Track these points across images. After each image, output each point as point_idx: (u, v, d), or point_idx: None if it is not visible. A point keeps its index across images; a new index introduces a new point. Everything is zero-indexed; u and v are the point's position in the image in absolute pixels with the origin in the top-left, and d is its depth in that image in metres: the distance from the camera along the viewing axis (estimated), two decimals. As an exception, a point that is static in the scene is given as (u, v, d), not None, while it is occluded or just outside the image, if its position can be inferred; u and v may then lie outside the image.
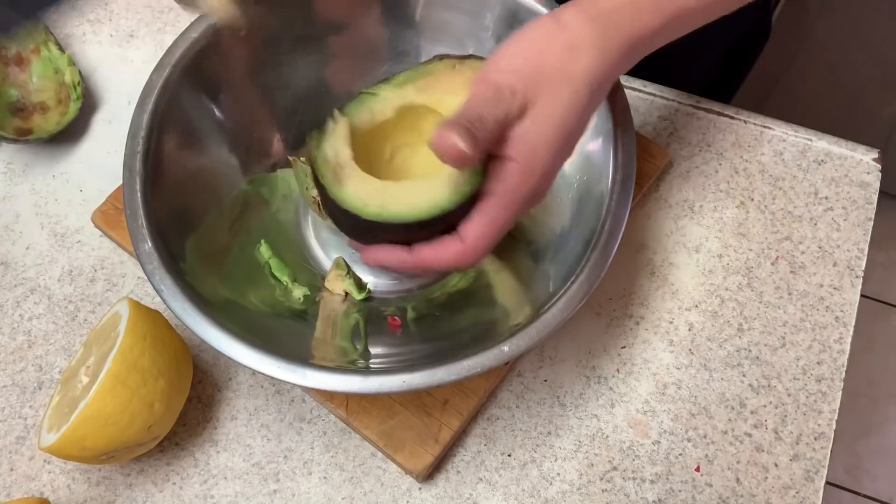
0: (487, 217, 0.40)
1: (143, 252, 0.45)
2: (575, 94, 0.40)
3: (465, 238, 0.40)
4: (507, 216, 0.40)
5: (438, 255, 0.40)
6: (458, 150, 0.36)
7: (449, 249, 0.40)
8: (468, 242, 0.40)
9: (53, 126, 0.62)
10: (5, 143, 0.61)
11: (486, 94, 0.39)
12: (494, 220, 0.40)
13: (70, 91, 0.63)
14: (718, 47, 0.72)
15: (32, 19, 0.45)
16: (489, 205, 0.40)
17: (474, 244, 0.40)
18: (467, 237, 0.40)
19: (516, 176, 0.39)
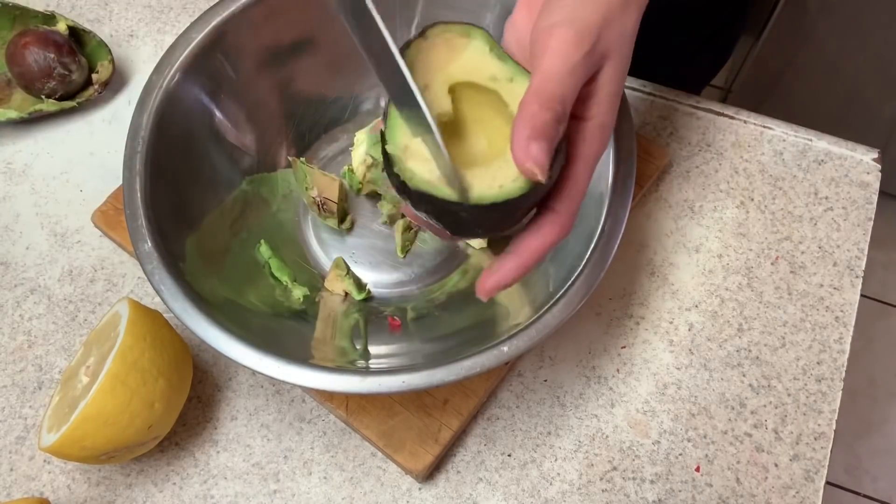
0: (574, 181, 0.38)
1: (143, 252, 0.45)
2: (630, 49, 0.39)
3: (559, 209, 0.38)
4: (590, 176, 0.38)
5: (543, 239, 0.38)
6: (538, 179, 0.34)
7: (545, 227, 0.38)
8: (563, 211, 0.38)
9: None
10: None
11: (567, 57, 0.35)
12: (580, 183, 0.38)
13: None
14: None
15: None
16: (576, 169, 0.38)
17: (569, 210, 0.38)
18: (560, 207, 0.38)
19: (597, 137, 0.38)
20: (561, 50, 0.36)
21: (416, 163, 0.37)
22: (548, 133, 0.34)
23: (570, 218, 0.38)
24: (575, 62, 0.36)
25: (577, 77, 0.36)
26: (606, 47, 0.37)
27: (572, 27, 0.36)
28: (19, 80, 0.62)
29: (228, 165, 0.55)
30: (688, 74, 0.66)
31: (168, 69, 0.50)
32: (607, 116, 0.38)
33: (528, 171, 0.34)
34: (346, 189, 0.58)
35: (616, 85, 0.38)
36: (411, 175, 0.37)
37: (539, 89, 0.35)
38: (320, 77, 0.57)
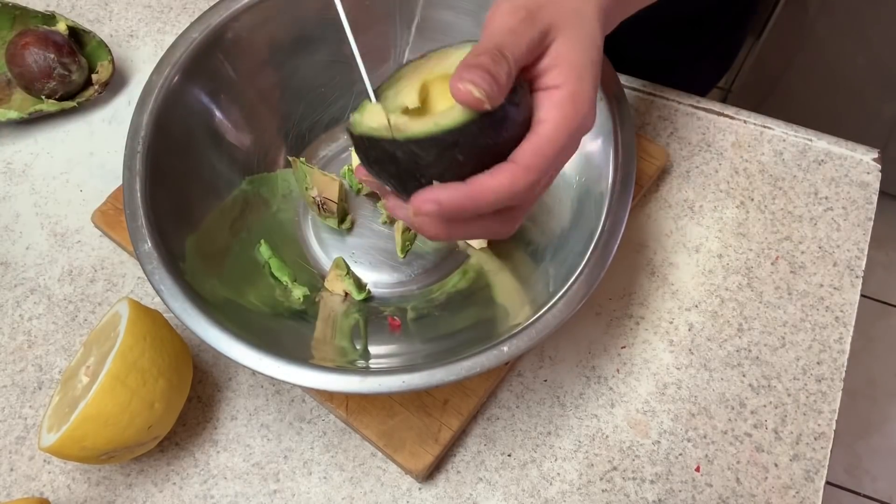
0: (541, 138, 0.37)
1: (143, 252, 0.45)
2: (594, 30, 0.39)
3: (518, 159, 0.37)
4: (561, 145, 0.37)
5: (494, 179, 0.36)
6: (475, 98, 0.34)
7: (503, 171, 0.37)
8: (521, 162, 0.37)
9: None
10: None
11: (504, 22, 0.37)
12: (547, 144, 0.37)
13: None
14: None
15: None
16: (542, 129, 0.37)
17: (529, 163, 0.37)
18: (520, 158, 0.37)
19: (568, 103, 0.37)
20: (497, 18, 0.37)
21: (368, 117, 0.39)
22: (485, 66, 0.35)
23: (526, 171, 0.36)
24: (512, 23, 0.37)
25: (515, 35, 0.37)
26: (553, 18, 0.38)
27: (511, 1, 0.38)
28: (19, 80, 0.62)
29: (228, 165, 0.55)
30: (689, 81, 0.66)
31: (168, 69, 0.51)
32: (578, 84, 0.38)
33: (464, 90, 0.34)
34: (346, 189, 0.58)
35: (579, 54, 0.38)
36: (358, 123, 0.38)
37: (478, 45, 0.37)
38: (320, 77, 0.57)
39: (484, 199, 0.36)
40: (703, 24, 0.73)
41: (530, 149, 0.37)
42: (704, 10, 0.71)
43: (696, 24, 0.72)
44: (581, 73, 0.38)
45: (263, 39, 0.54)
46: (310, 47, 0.56)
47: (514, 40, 0.37)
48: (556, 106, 0.37)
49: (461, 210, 0.37)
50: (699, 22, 0.72)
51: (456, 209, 0.37)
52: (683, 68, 0.74)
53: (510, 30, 0.37)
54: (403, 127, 0.37)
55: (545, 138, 0.37)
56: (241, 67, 0.54)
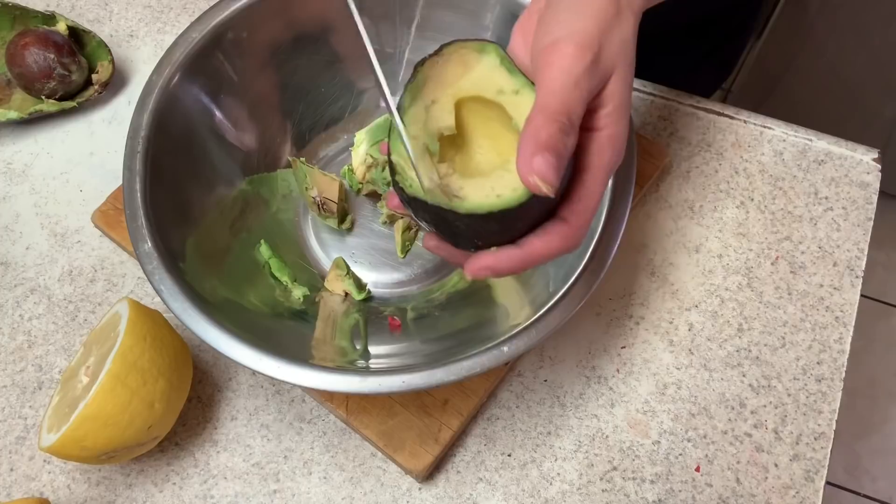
0: (586, 192, 0.37)
1: (143, 252, 0.45)
2: (633, 55, 0.39)
3: (568, 217, 0.37)
4: (603, 189, 0.38)
5: (548, 244, 0.37)
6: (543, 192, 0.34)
7: (555, 233, 0.37)
8: (572, 221, 0.37)
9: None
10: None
11: (570, 70, 0.35)
12: (593, 195, 0.37)
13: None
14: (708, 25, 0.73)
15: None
16: (586, 179, 0.37)
17: (577, 222, 0.37)
18: (569, 216, 0.37)
19: (608, 148, 0.37)
20: (563, 64, 0.35)
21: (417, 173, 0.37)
22: (553, 145, 0.34)
23: (579, 229, 0.37)
24: (578, 74, 0.35)
25: (581, 89, 0.35)
26: (611, 58, 0.37)
27: (572, 40, 0.36)
28: (19, 80, 0.62)
29: (228, 165, 0.55)
30: (689, 86, 0.66)
31: (168, 69, 0.50)
32: (618, 127, 0.37)
33: (532, 184, 0.34)
34: (346, 189, 0.58)
35: (624, 95, 0.38)
36: (410, 183, 0.37)
37: (544, 104, 0.35)
38: (320, 77, 0.57)
39: (537, 261, 0.38)
40: (704, 30, 0.73)
41: (580, 209, 0.37)
42: (707, 17, 0.71)
43: (697, 30, 0.72)
44: (624, 112, 0.38)
45: (263, 39, 0.54)
46: (310, 47, 0.56)
47: (580, 97, 0.35)
48: (598, 152, 0.37)
49: (515, 272, 0.38)
50: (701, 29, 0.72)
51: (511, 272, 0.38)
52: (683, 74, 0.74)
53: (576, 82, 0.35)
54: (461, 193, 0.37)
55: (591, 193, 0.37)
56: (241, 67, 0.54)
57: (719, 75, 0.82)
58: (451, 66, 0.40)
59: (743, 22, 0.76)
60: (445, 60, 0.40)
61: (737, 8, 0.73)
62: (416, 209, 0.38)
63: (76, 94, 0.64)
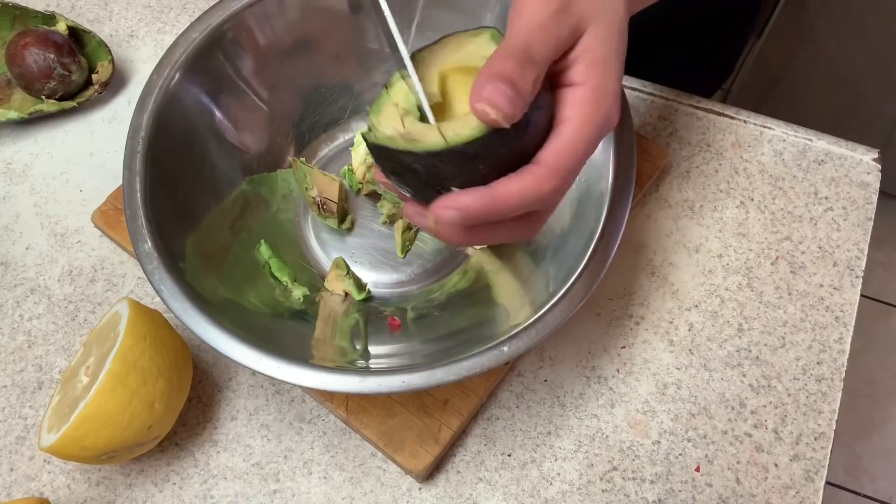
0: (564, 138, 0.36)
1: (143, 252, 0.45)
2: (622, 19, 0.38)
3: (543, 160, 0.35)
4: (585, 143, 0.36)
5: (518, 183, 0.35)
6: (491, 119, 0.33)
7: (525, 174, 0.35)
8: (547, 164, 0.35)
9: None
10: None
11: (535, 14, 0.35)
12: (573, 141, 0.36)
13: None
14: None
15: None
16: (565, 129, 0.35)
17: (554, 164, 0.35)
18: (545, 159, 0.35)
19: (591, 100, 0.36)
20: (528, 8, 0.35)
21: (385, 124, 0.38)
22: (507, 75, 0.33)
23: (552, 173, 0.35)
24: (543, 17, 0.35)
25: (546, 31, 0.35)
26: (584, 10, 0.36)
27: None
28: (19, 80, 0.62)
29: (228, 165, 0.55)
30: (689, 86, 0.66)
31: (168, 69, 0.50)
32: (602, 79, 0.36)
33: (481, 111, 0.33)
34: (346, 189, 0.58)
35: (605, 48, 0.36)
36: (375, 131, 0.37)
37: (505, 43, 0.35)
38: (320, 77, 0.57)
39: (508, 203, 0.35)
40: (705, 31, 0.73)
41: (554, 150, 0.35)
42: (707, 17, 0.71)
43: (698, 30, 0.72)
44: (605, 67, 0.36)
45: (263, 39, 0.54)
46: (310, 47, 0.56)
47: (543, 38, 0.34)
48: (578, 104, 0.36)
49: (484, 216, 0.35)
50: (701, 29, 0.72)
51: (479, 215, 0.35)
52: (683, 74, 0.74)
53: (540, 25, 0.35)
54: (420, 136, 0.36)
55: (569, 138, 0.35)
56: (241, 67, 0.54)
57: (719, 75, 0.82)
58: (445, 50, 0.40)
59: (743, 22, 0.76)
60: (442, 45, 0.40)
61: (737, 9, 0.73)
62: (380, 160, 0.38)
63: (76, 94, 0.64)
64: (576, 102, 0.36)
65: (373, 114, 0.39)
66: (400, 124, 0.38)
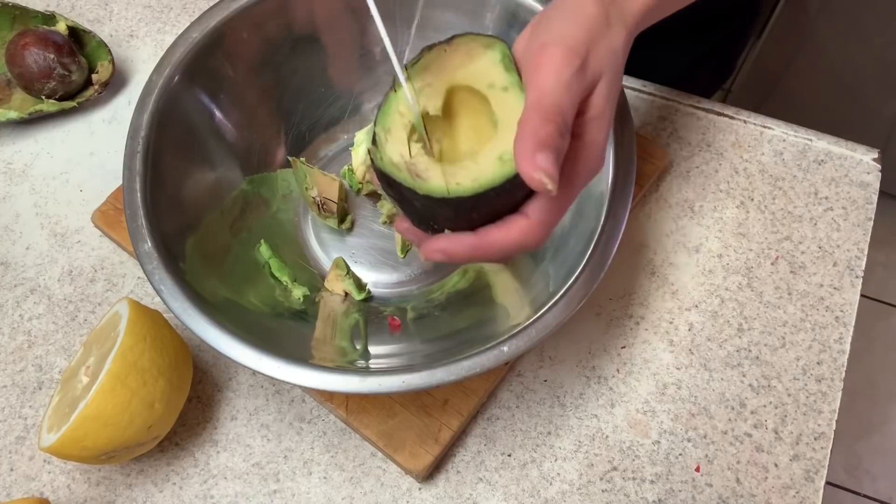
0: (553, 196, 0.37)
1: (143, 252, 0.45)
2: (621, 66, 0.39)
3: (531, 214, 0.37)
4: (574, 194, 0.38)
5: (505, 235, 0.38)
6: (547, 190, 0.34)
7: (514, 227, 0.38)
8: (533, 217, 0.37)
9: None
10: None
11: (559, 73, 0.36)
12: (561, 197, 0.38)
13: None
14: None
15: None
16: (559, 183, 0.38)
17: (540, 218, 0.37)
18: (531, 212, 0.37)
19: (585, 156, 0.38)
20: (554, 66, 0.36)
21: (391, 146, 0.38)
22: (552, 143, 0.35)
23: (539, 227, 0.38)
24: (568, 77, 0.36)
25: (572, 92, 0.36)
26: (598, 65, 0.38)
27: (562, 44, 0.37)
28: (19, 80, 0.62)
29: (228, 165, 0.55)
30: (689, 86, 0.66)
31: (168, 69, 0.50)
32: (596, 134, 0.38)
33: (538, 181, 0.34)
34: (346, 189, 0.58)
35: (604, 104, 0.38)
36: (381, 156, 0.38)
37: (537, 103, 0.36)
38: (320, 77, 0.57)
39: (492, 251, 0.38)
40: (705, 30, 0.73)
41: (543, 206, 0.37)
42: (708, 17, 0.71)
43: (698, 30, 0.72)
44: (601, 123, 0.38)
45: (264, 39, 0.54)
46: (310, 47, 0.56)
47: (571, 99, 0.36)
48: (572, 158, 0.37)
49: (468, 259, 0.39)
50: (702, 28, 0.72)
51: (463, 259, 0.39)
52: (684, 74, 0.74)
53: (567, 85, 0.36)
54: (424, 175, 0.37)
55: (559, 197, 0.37)
56: (241, 67, 0.54)
57: (720, 75, 0.82)
58: (456, 56, 0.40)
59: (744, 22, 0.76)
60: (454, 49, 0.41)
61: (738, 7, 0.73)
62: (383, 182, 0.39)
63: (76, 94, 0.64)
64: (570, 156, 0.37)
65: (379, 125, 0.39)
66: (406, 149, 0.39)
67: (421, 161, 0.38)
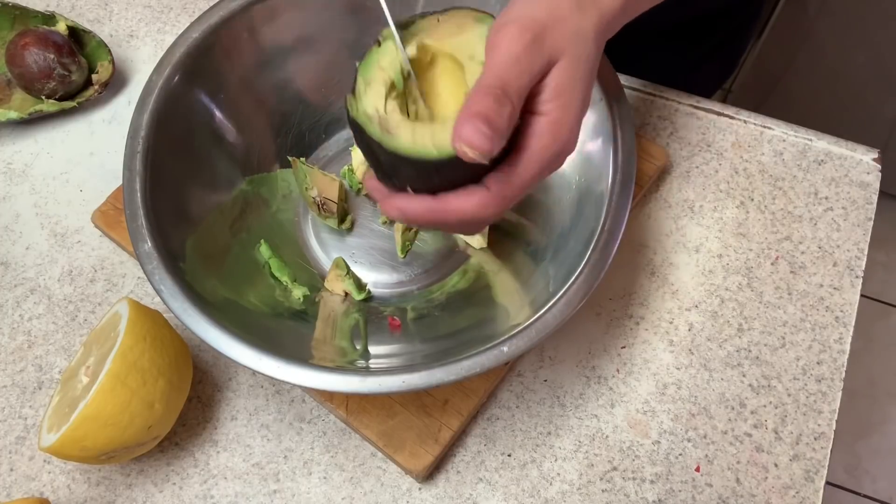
0: (516, 169, 0.38)
1: (143, 252, 0.45)
2: (591, 50, 0.39)
3: (490, 186, 0.38)
4: (536, 172, 0.39)
5: (463, 202, 0.38)
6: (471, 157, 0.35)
7: (473, 196, 0.38)
8: (493, 189, 0.38)
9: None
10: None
11: (510, 48, 0.36)
12: (523, 173, 0.38)
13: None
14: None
15: None
16: (519, 160, 0.38)
17: (500, 192, 0.38)
18: (492, 185, 0.38)
19: (548, 133, 0.38)
20: (504, 43, 0.37)
21: (368, 98, 0.39)
22: (485, 114, 0.35)
23: (497, 199, 0.38)
24: (517, 51, 0.37)
25: (520, 65, 0.36)
26: (556, 43, 0.38)
27: (517, 23, 0.37)
28: (19, 80, 0.62)
29: (228, 165, 0.55)
30: (690, 85, 0.66)
31: (168, 69, 0.51)
32: (562, 113, 0.38)
33: (459, 150, 0.35)
34: (346, 189, 0.58)
35: (569, 81, 0.38)
36: (357, 106, 0.39)
37: (483, 79, 0.36)
38: (320, 77, 0.57)
39: (448, 218, 0.39)
40: (707, 28, 0.73)
41: (504, 179, 0.38)
42: (710, 13, 0.71)
43: (700, 28, 0.72)
44: (568, 100, 0.38)
45: (263, 39, 0.54)
46: (310, 47, 0.56)
47: (518, 72, 0.36)
48: (535, 135, 0.38)
49: (425, 222, 0.39)
50: (703, 26, 0.72)
51: (420, 221, 0.39)
52: (684, 74, 0.74)
53: (516, 58, 0.36)
54: (394, 131, 0.38)
55: (520, 169, 0.38)
56: (241, 67, 0.54)
57: (720, 75, 0.82)
58: (447, 26, 0.41)
59: (745, 21, 0.76)
60: (446, 20, 0.41)
61: (740, 5, 0.73)
62: (355, 132, 0.40)
63: (76, 94, 0.64)
64: (533, 133, 0.38)
65: (360, 74, 0.40)
66: (382, 103, 0.39)
67: (394, 118, 0.39)
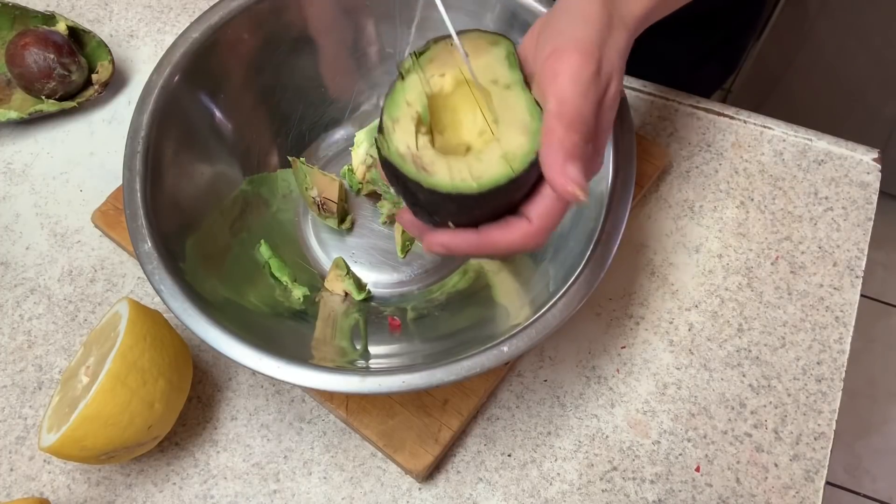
0: (554, 200, 0.38)
1: (143, 252, 0.45)
2: (623, 68, 0.40)
3: (532, 218, 0.38)
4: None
5: (506, 236, 0.38)
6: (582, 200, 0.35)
7: (516, 230, 0.38)
8: (535, 222, 0.38)
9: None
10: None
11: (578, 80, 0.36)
12: (561, 202, 0.38)
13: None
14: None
15: None
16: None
17: (542, 224, 0.38)
18: (534, 217, 0.38)
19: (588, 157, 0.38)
20: (570, 73, 0.36)
21: (398, 136, 0.39)
22: (580, 153, 0.35)
23: (540, 232, 0.38)
24: (587, 83, 0.36)
25: (591, 97, 0.36)
26: (610, 67, 0.38)
27: (576, 49, 0.37)
28: (19, 80, 0.62)
29: (228, 165, 0.55)
30: (692, 83, 0.66)
31: (168, 69, 0.50)
32: (600, 139, 0.38)
33: (572, 194, 0.35)
34: (346, 189, 0.58)
35: (611, 112, 0.39)
36: (388, 146, 0.39)
37: (559, 113, 0.36)
38: (320, 77, 0.57)
39: (492, 250, 0.39)
40: (709, 26, 0.73)
41: (545, 210, 0.38)
42: (712, 11, 0.71)
43: (702, 25, 0.72)
44: (605, 128, 0.38)
45: (263, 39, 0.54)
46: (310, 47, 0.56)
47: (591, 107, 0.36)
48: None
49: (467, 255, 0.40)
50: (705, 24, 0.72)
51: (463, 254, 0.40)
52: (686, 73, 0.74)
53: (585, 92, 0.36)
54: (429, 168, 0.38)
55: (560, 201, 0.38)
56: (241, 67, 0.54)
57: (721, 75, 0.81)
58: (464, 46, 0.41)
59: (746, 21, 0.76)
60: (463, 39, 0.41)
61: (741, 5, 0.73)
62: (388, 172, 0.40)
63: (76, 94, 0.64)
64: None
65: (387, 114, 0.39)
66: (413, 140, 0.39)
67: (427, 154, 0.38)
